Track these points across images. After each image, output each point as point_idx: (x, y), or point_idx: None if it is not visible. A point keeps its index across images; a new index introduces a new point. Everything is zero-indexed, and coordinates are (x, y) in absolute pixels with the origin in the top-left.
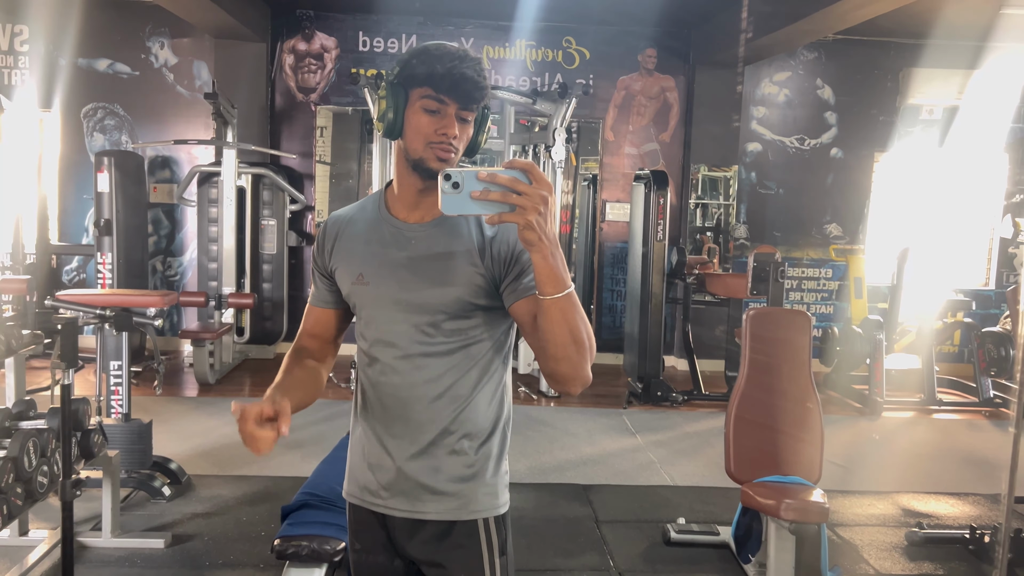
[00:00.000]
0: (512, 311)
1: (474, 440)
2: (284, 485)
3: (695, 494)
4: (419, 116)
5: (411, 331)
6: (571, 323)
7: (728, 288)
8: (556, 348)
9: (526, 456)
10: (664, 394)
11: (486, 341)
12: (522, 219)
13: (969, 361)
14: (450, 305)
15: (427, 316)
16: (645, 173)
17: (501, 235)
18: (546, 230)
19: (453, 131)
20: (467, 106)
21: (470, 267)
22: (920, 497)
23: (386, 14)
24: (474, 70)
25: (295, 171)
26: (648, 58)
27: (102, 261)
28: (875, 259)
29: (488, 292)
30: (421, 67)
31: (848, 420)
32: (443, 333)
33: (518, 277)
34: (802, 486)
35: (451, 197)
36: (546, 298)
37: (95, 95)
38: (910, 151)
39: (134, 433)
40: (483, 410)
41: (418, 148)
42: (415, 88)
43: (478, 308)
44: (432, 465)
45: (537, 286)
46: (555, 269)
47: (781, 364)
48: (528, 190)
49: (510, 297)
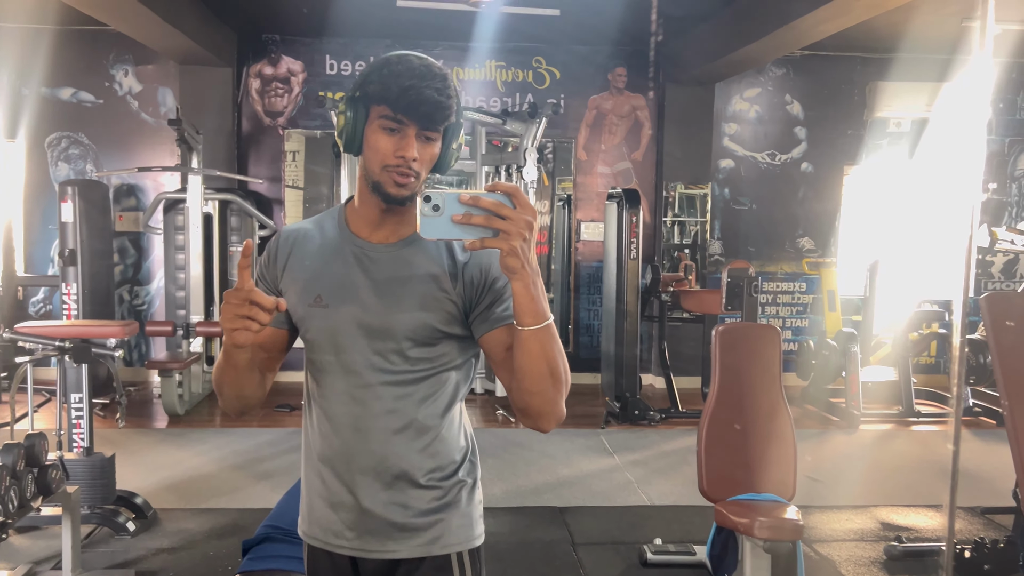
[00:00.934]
0: (483, 341)
1: (444, 471)
2: (252, 517)
3: (672, 513)
4: (377, 135)
5: (373, 358)
6: (549, 356)
7: (703, 304)
8: (531, 382)
9: (502, 479)
10: (641, 413)
11: (453, 370)
12: (506, 245)
13: (946, 372)
14: (416, 331)
15: (391, 343)
16: (617, 192)
17: (474, 260)
18: (529, 257)
19: (411, 153)
20: (428, 127)
21: (440, 292)
22: (899, 510)
23: (353, 37)
24: (435, 89)
25: (263, 196)
26: (618, 77)
27: (67, 292)
28: (848, 272)
29: (458, 320)
30: (379, 85)
31: (825, 434)
32: (408, 361)
33: (491, 306)
34: (776, 503)
35: (431, 220)
36: (524, 329)
37: (59, 124)
38: (879, 164)
39: (96, 467)
40: (451, 440)
41: (375, 170)
42: (373, 105)
43: (446, 336)
44: (400, 501)
45: (515, 316)
46: (536, 299)
47: (752, 380)
48: (512, 215)
49: (481, 326)
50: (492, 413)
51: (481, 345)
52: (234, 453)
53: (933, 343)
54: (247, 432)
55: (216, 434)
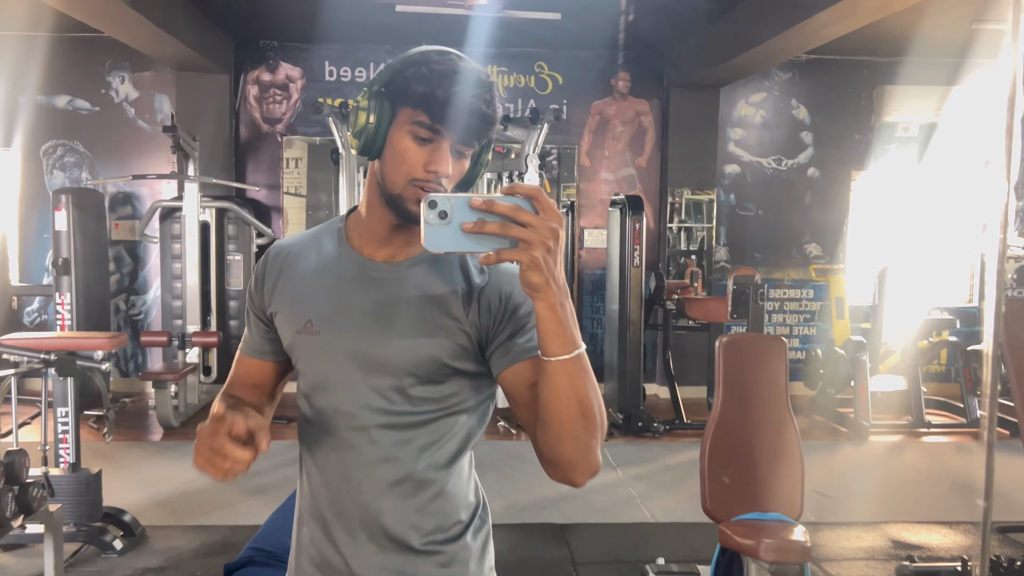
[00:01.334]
0: (502, 379)
1: (448, 533)
2: (243, 535)
3: (675, 531)
4: (405, 141)
5: (369, 396)
6: (580, 393)
7: (708, 312)
8: (560, 424)
9: (502, 495)
10: (645, 424)
11: (463, 413)
12: (526, 256)
13: (956, 380)
14: (421, 366)
15: (391, 378)
16: (620, 198)
17: (493, 282)
18: (555, 272)
19: (445, 168)
20: (468, 142)
21: (451, 321)
22: (910, 527)
23: (352, 43)
24: (483, 100)
25: (262, 204)
26: (622, 82)
27: (61, 302)
28: (856, 278)
29: (472, 354)
30: (418, 84)
31: (834, 445)
32: (409, 401)
33: (512, 336)
34: (782, 523)
35: (436, 229)
36: (551, 360)
37: (55, 132)
38: (887, 169)
39: (82, 484)
40: (457, 495)
41: (398, 182)
42: (406, 107)
43: (456, 372)
44: (395, 567)
45: (540, 345)
46: (564, 322)
47: (757, 393)
48: (534, 221)
49: (501, 360)
50: (493, 424)
51: (500, 384)
52: None
53: (943, 351)
54: None
55: None
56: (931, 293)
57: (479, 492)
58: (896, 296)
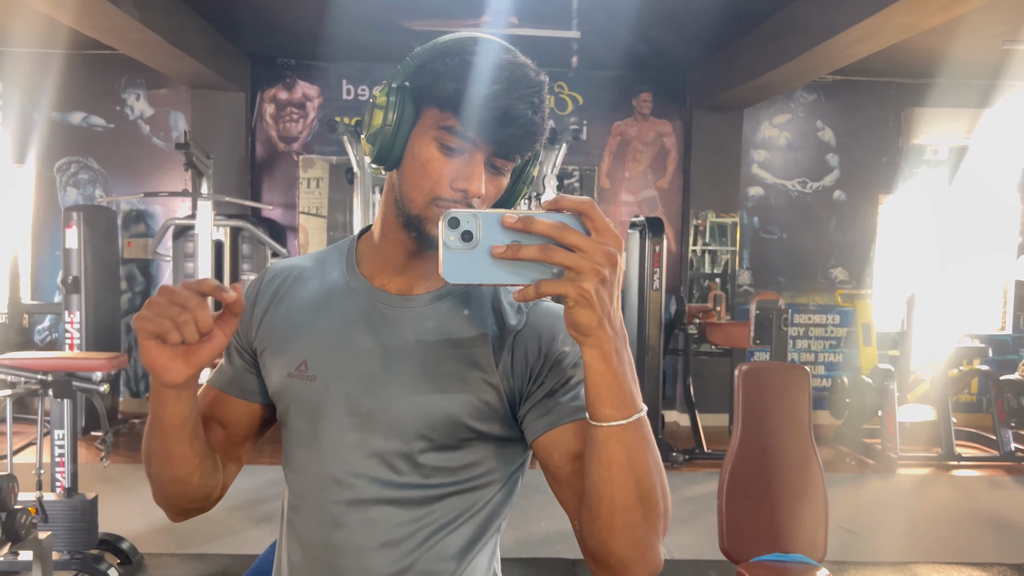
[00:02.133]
0: (538, 446)
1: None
2: (243, 564)
3: (693, 569)
4: (429, 150)
5: (369, 462)
6: (639, 469)
7: (730, 338)
8: (612, 511)
9: (512, 527)
10: (664, 454)
11: (485, 488)
12: (574, 290)
13: (988, 411)
14: (436, 428)
15: (398, 441)
16: (640, 220)
17: (532, 323)
18: (610, 311)
19: (477, 187)
20: (507, 155)
21: (476, 371)
22: (941, 568)
23: (370, 61)
24: (530, 104)
25: (277, 223)
26: (643, 103)
27: (70, 320)
28: (884, 304)
29: (500, 414)
30: (448, 80)
31: (860, 478)
32: (419, 471)
33: (554, 392)
34: (805, 565)
35: (459, 255)
36: (603, 425)
37: (69, 149)
38: (915, 192)
39: (77, 510)
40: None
41: (418, 200)
42: (432, 107)
43: (480, 437)
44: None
45: (589, 405)
46: (620, 376)
47: (778, 426)
48: (585, 244)
49: (538, 423)
50: None
51: (536, 452)
52: (233, 493)
53: (974, 380)
54: (250, 470)
55: None
56: (961, 320)
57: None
58: (925, 323)
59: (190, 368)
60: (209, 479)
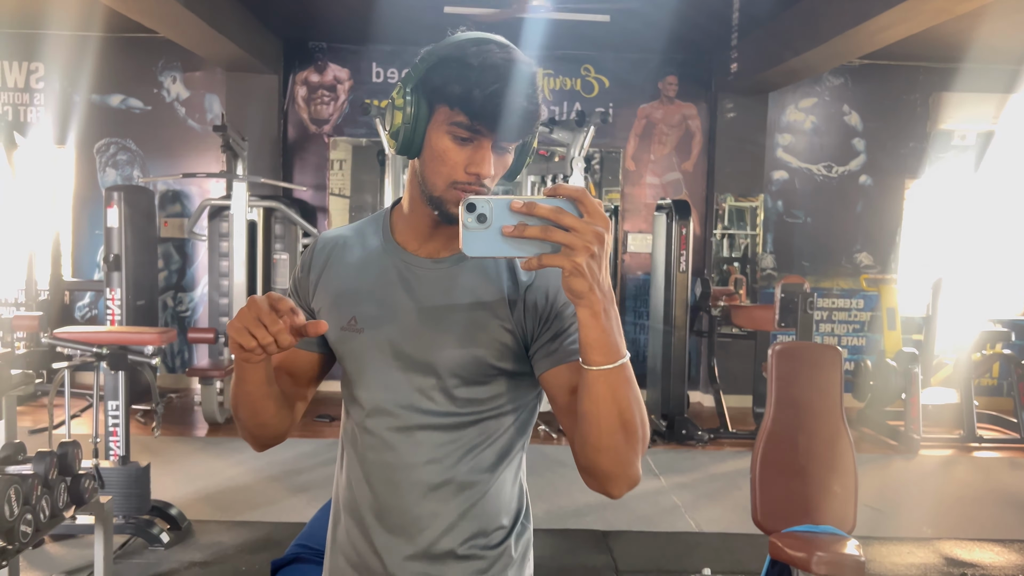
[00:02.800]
0: (544, 380)
1: (489, 539)
2: (287, 531)
3: (721, 541)
4: (444, 142)
5: (412, 396)
6: (621, 404)
7: (755, 320)
8: (599, 435)
9: (543, 499)
10: (689, 432)
11: (507, 415)
12: (568, 262)
13: (1009, 395)
14: (466, 367)
15: (434, 379)
16: (667, 203)
17: (539, 281)
18: (599, 279)
19: (487, 170)
20: (510, 138)
21: (495, 320)
22: (963, 544)
23: (400, 44)
24: (525, 96)
25: (308, 204)
26: (669, 86)
27: (111, 297)
28: (908, 289)
29: (516, 354)
30: (454, 82)
31: (883, 459)
32: (454, 402)
33: (556, 337)
34: (835, 537)
35: (476, 234)
36: (592, 369)
37: (108, 130)
38: (942, 177)
39: (131, 477)
40: (500, 500)
41: (438, 184)
42: (443, 105)
43: (501, 373)
44: (434, 573)
45: (581, 352)
46: (608, 331)
47: (810, 403)
48: (578, 225)
49: (543, 362)
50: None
51: (542, 385)
52: (271, 464)
53: (996, 364)
54: (286, 442)
55: None
56: (986, 305)
57: (524, 498)
58: (950, 308)
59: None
60: (284, 419)
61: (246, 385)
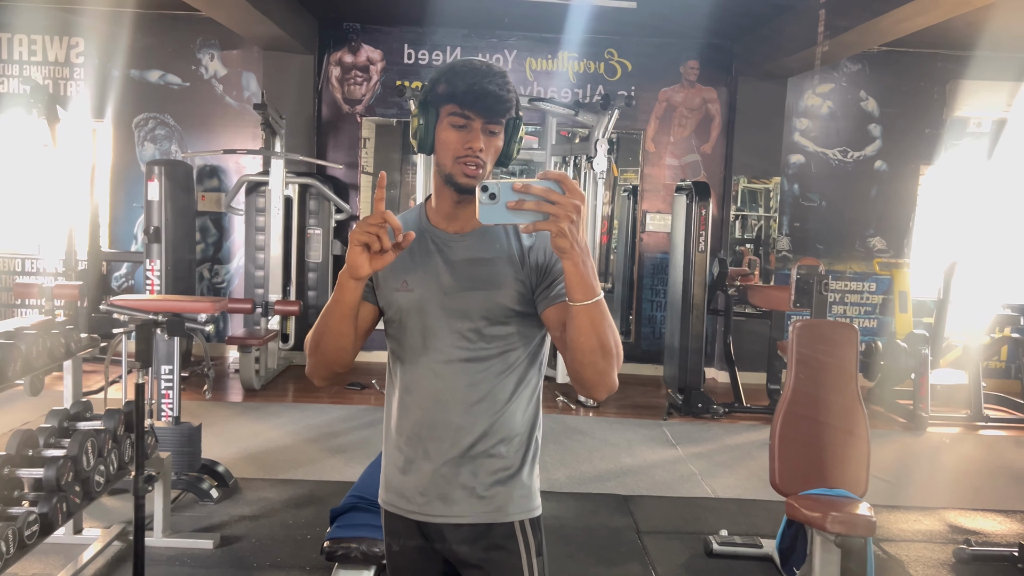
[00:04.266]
0: (544, 317)
1: (510, 444)
2: (328, 489)
3: (737, 506)
4: (447, 132)
5: (453, 336)
6: (599, 330)
7: (770, 300)
8: (583, 354)
9: (565, 465)
10: (705, 406)
11: (521, 348)
12: (555, 227)
13: (1017, 377)
14: (492, 310)
15: (469, 322)
16: (687, 184)
17: (538, 244)
18: (578, 238)
19: (478, 144)
20: (492, 119)
21: (511, 274)
22: (967, 514)
23: (431, 27)
24: (496, 84)
25: (340, 181)
26: (690, 70)
27: (151, 268)
28: (920, 273)
29: (525, 298)
30: (446, 85)
31: (893, 435)
32: (484, 339)
33: (551, 285)
34: (848, 499)
35: (488, 208)
36: (575, 304)
37: (146, 106)
38: (957, 164)
39: (184, 436)
40: (519, 415)
41: (447, 163)
42: (443, 105)
43: (515, 314)
44: (470, 468)
45: (567, 293)
46: (585, 276)
47: (828, 376)
48: (561, 199)
49: (542, 303)
50: (552, 399)
51: (543, 320)
52: (307, 428)
53: (1004, 348)
54: (319, 408)
55: (290, 408)
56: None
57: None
58: (961, 292)
59: (371, 269)
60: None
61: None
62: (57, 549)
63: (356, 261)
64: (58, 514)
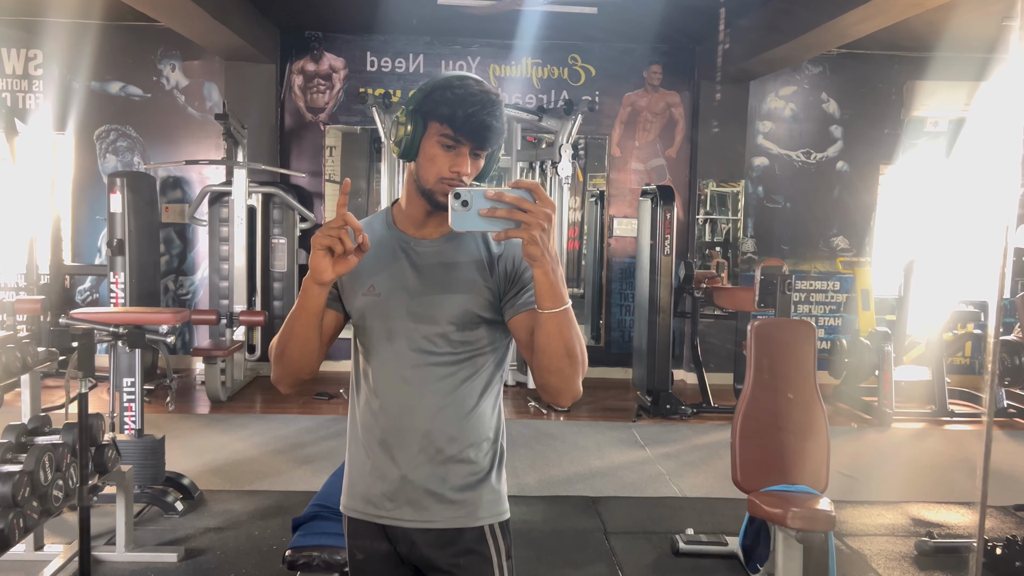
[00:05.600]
0: (511, 324)
1: (479, 448)
2: (295, 499)
3: (703, 505)
4: (435, 149)
5: (421, 341)
6: (566, 337)
7: (736, 301)
8: (550, 360)
9: (535, 469)
10: (673, 407)
11: (489, 354)
12: (526, 235)
13: (980, 372)
14: (459, 316)
15: (436, 327)
16: (651, 189)
17: (507, 252)
18: (548, 247)
19: (466, 169)
20: (482, 148)
21: (479, 280)
22: (930, 507)
23: (393, 35)
24: (494, 116)
25: (305, 190)
26: (653, 74)
27: (115, 280)
28: (882, 271)
29: (493, 305)
30: (443, 105)
31: (857, 431)
32: (451, 344)
33: (519, 292)
34: (809, 495)
35: (460, 214)
36: (544, 312)
37: (108, 117)
38: (915, 163)
39: (147, 449)
40: (486, 419)
41: (429, 179)
42: (435, 121)
43: (483, 321)
44: (439, 474)
45: (536, 300)
46: (555, 285)
47: (787, 373)
48: (532, 208)
49: (510, 311)
50: (524, 405)
51: (510, 327)
52: (275, 438)
53: (968, 344)
54: (287, 418)
55: (257, 420)
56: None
57: (501, 419)
58: (922, 289)
59: (335, 273)
60: (319, 356)
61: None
62: (17, 566)
63: (320, 265)
64: (15, 530)
